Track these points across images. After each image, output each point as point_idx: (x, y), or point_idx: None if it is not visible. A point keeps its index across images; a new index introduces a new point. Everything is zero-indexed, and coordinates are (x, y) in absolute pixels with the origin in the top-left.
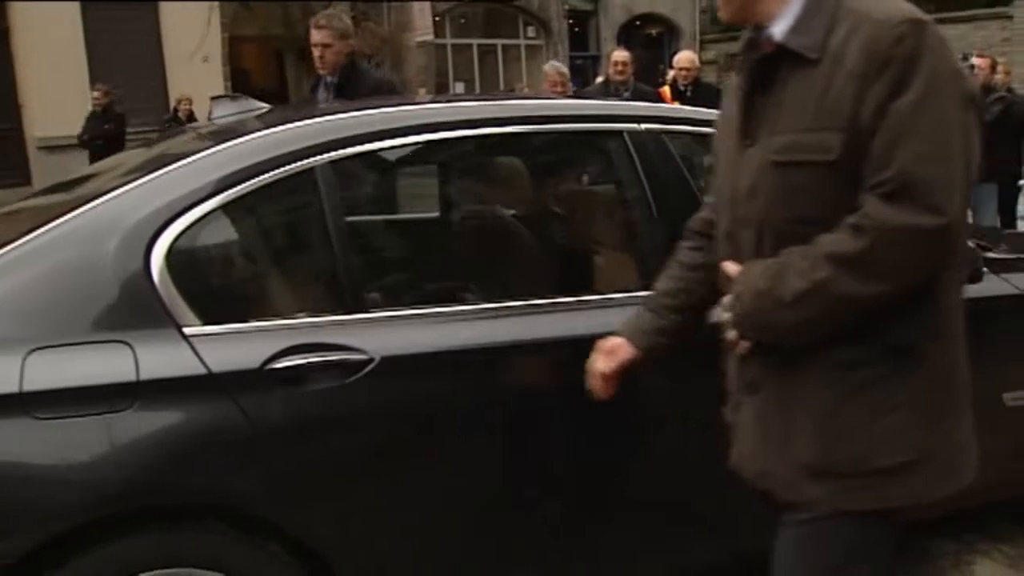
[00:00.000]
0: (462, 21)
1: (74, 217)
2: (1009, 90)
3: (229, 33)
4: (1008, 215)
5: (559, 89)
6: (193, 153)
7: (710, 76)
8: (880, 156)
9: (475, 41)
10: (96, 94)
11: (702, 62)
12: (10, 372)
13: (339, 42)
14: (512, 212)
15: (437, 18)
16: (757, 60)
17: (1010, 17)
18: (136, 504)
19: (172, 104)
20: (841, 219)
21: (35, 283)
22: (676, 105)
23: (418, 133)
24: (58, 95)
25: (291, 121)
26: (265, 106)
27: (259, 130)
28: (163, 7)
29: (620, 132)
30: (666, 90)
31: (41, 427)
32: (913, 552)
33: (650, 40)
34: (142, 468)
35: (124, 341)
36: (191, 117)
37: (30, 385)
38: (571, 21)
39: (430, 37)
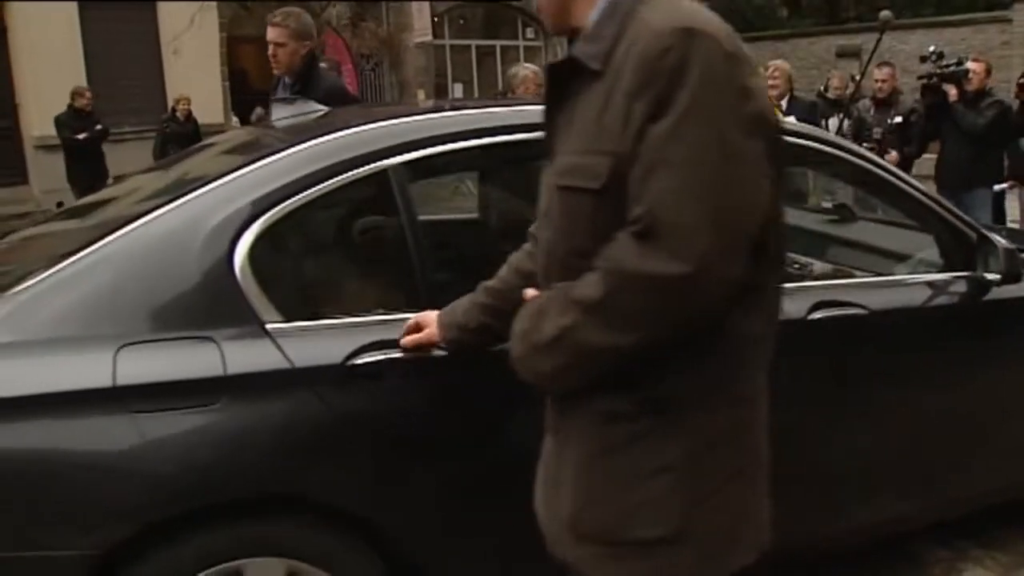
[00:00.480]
0: (461, 22)
1: (158, 216)
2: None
3: (228, 33)
4: (1000, 221)
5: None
6: (269, 153)
7: None
8: (635, 188)
9: (474, 42)
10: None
11: None
12: (103, 367)
13: (294, 42)
14: None
15: (436, 19)
16: (547, 70)
17: (1009, 21)
18: (225, 495)
19: (170, 104)
20: None
21: (123, 281)
22: None
23: (493, 135)
24: (55, 94)
25: (370, 121)
26: (322, 108)
27: (337, 130)
28: (161, 7)
29: None
30: None
31: (134, 421)
32: (904, 558)
33: None
34: (231, 460)
35: (210, 337)
36: (189, 117)
37: (123, 380)
38: None
39: (429, 38)
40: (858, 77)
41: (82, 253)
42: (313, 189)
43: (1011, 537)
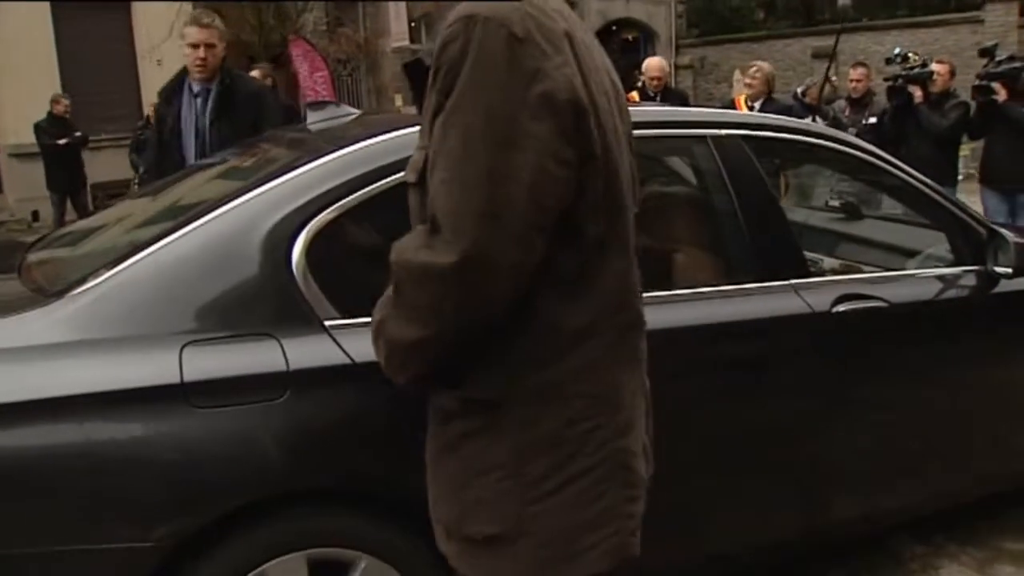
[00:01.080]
0: None
1: (216, 217)
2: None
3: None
4: None
5: None
6: (321, 154)
7: (687, 80)
8: (430, 182)
9: None
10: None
11: (678, 67)
12: (171, 364)
13: (220, 44)
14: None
15: (413, 24)
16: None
17: (981, 21)
18: (288, 487)
19: (146, 110)
20: None
21: (185, 281)
22: None
23: None
24: (30, 101)
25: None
26: (355, 111)
27: (386, 131)
28: (136, 8)
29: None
30: (634, 95)
31: (201, 416)
32: (882, 554)
33: (627, 45)
34: (295, 453)
35: (271, 334)
36: None
37: (190, 376)
38: None
39: (406, 43)
40: (832, 77)
41: (143, 254)
42: (365, 190)
43: (986, 532)
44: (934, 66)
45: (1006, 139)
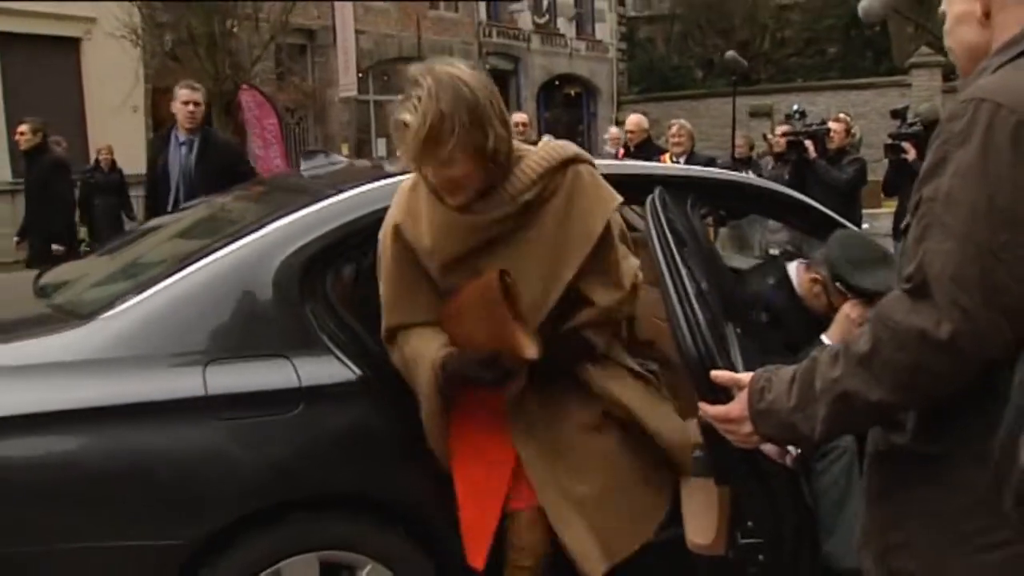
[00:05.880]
0: (385, 78)
1: (234, 251)
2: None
3: (152, 84)
4: None
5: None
6: (323, 196)
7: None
8: (910, 249)
9: (398, 97)
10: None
11: (618, 122)
12: (195, 380)
13: (203, 103)
14: None
15: (361, 75)
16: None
17: (908, 85)
18: (303, 493)
19: (93, 155)
20: None
21: (207, 307)
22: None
23: None
24: None
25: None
26: (343, 160)
27: (375, 180)
28: (85, 48)
29: None
30: (621, 151)
31: (224, 427)
32: None
33: (569, 100)
34: (309, 461)
35: (283, 355)
36: (113, 167)
37: (213, 390)
38: (492, 80)
39: (353, 93)
40: (767, 134)
41: (168, 281)
42: (359, 228)
43: None
44: (831, 124)
45: (818, 197)
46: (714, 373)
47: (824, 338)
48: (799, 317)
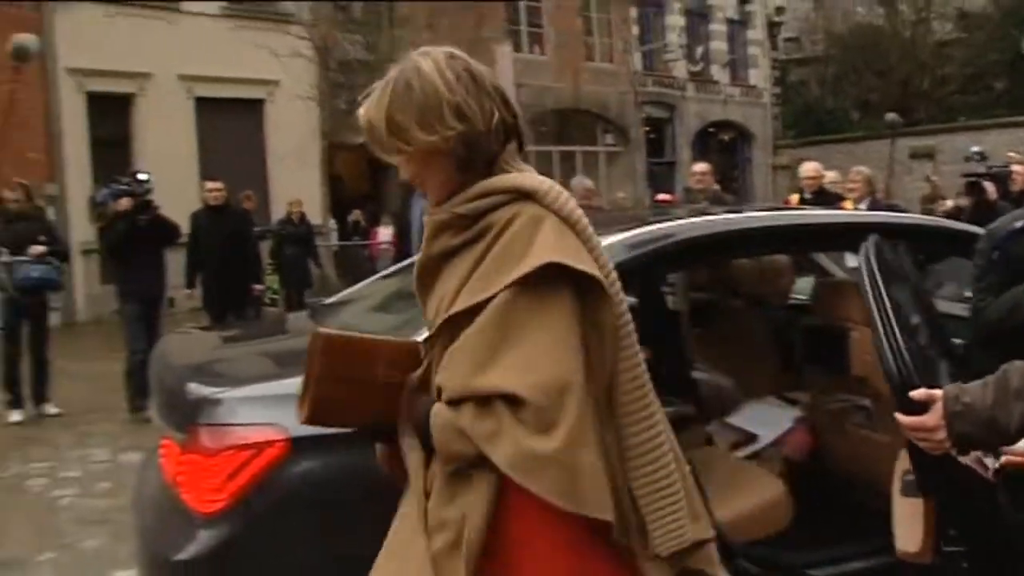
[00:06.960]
0: (543, 129)
1: None
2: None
3: (329, 140)
4: None
5: (586, 203)
6: None
7: (786, 180)
8: None
9: (553, 148)
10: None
11: (775, 167)
12: None
13: None
14: None
15: None
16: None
17: None
18: None
19: (273, 208)
20: None
21: None
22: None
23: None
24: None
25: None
26: None
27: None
28: (267, 109)
29: None
30: (795, 198)
31: None
32: None
33: (723, 146)
34: None
35: None
36: (303, 219)
37: None
38: (648, 128)
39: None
40: (932, 176)
41: None
42: None
43: None
44: (1015, 167)
45: None
46: (912, 392)
47: None
48: None
